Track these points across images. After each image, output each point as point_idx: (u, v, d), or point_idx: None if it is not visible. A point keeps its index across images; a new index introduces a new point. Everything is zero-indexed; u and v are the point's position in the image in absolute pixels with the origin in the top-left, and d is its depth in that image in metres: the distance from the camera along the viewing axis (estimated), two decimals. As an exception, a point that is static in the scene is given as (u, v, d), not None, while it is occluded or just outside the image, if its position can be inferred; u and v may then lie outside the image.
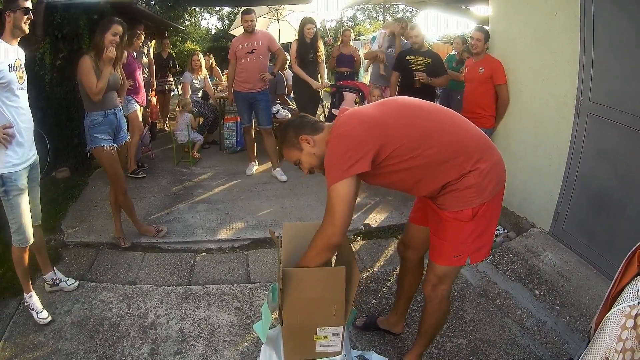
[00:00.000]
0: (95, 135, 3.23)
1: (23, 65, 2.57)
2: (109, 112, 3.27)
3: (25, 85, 2.57)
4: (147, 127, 6.21)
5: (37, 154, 2.74)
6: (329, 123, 1.95)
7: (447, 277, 2.05)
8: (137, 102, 5.15)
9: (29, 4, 2.50)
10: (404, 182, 1.90)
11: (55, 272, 3.04)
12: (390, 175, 1.85)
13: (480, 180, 1.80)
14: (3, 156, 2.44)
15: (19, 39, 2.57)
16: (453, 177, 1.81)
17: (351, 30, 7.74)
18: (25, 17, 2.48)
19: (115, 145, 3.35)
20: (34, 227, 2.76)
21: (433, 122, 1.83)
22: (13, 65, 2.44)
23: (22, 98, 2.53)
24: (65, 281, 3.06)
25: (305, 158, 1.92)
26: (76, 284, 3.09)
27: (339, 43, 7.62)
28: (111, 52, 3.11)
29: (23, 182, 2.54)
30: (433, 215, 1.99)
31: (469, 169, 1.79)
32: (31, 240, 2.65)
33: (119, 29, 3.14)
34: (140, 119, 5.25)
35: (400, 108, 1.87)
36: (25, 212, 2.59)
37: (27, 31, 2.54)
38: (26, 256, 2.69)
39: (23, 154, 2.53)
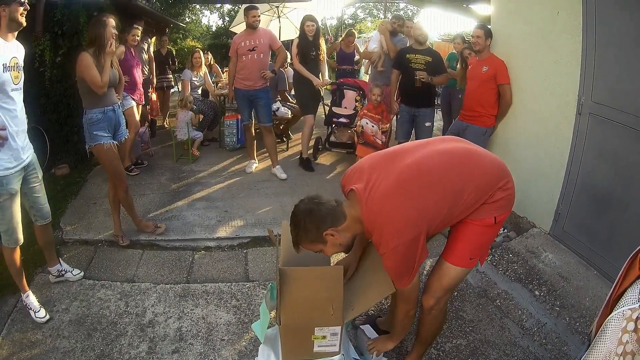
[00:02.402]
0: (95, 132, 3.21)
1: (20, 64, 2.49)
2: (108, 109, 3.25)
3: (21, 85, 2.48)
4: (146, 124, 6.20)
5: (35, 152, 2.71)
6: (348, 205, 1.84)
7: (453, 288, 2.09)
8: (134, 99, 5.09)
9: None
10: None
11: (61, 264, 3.06)
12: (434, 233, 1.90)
13: (506, 194, 1.85)
14: None
15: (16, 33, 2.47)
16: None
17: (355, 34, 7.67)
18: (22, 8, 2.37)
19: (115, 142, 3.34)
20: (42, 226, 2.78)
21: (460, 177, 1.80)
22: (8, 64, 2.35)
23: (17, 99, 2.45)
24: (71, 271, 3.09)
25: (329, 249, 1.88)
26: (81, 274, 3.13)
27: (340, 40, 7.59)
28: (113, 46, 3.11)
29: (14, 186, 2.48)
30: None
31: (495, 190, 1.84)
32: (20, 242, 2.61)
33: (114, 23, 3.14)
34: (137, 116, 5.19)
35: (428, 183, 1.76)
36: (15, 216, 2.54)
37: (25, 24, 2.44)
38: (17, 257, 2.65)
39: (15, 158, 2.47)
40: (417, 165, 1.80)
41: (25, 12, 2.42)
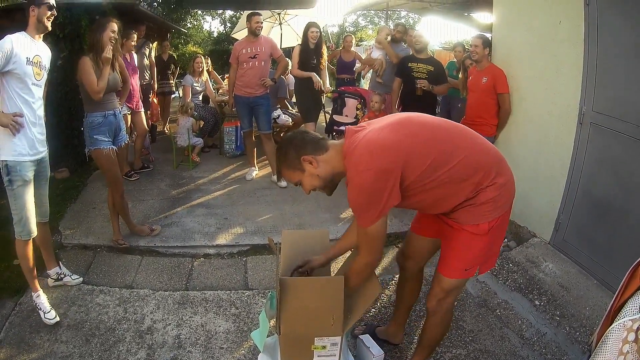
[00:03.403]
0: (95, 136, 3.22)
1: (44, 63, 2.65)
2: (108, 114, 3.27)
3: (41, 83, 2.65)
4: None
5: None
6: (333, 141, 1.88)
7: (455, 290, 2.03)
8: (128, 106, 5.00)
9: (53, 0, 2.55)
10: (423, 204, 1.85)
11: (60, 267, 3.05)
12: (410, 198, 1.78)
13: (497, 194, 1.78)
14: (10, 143, 2.49)
15: (42, 35, 2.64)
16: (470, 194, 1.78)
17: (352, 36, 7.69)
18: (49, 12, 2.55)
19: (114, 147, 3.34)
20: (41, 223, 2.80)
21: (451, 141, 1.77)
22: (31, 59, 2.51)
23: (36, 94, 2.60)
24: (70, 275, 3.08)
25: (307, 180, 1.84)
26: (80, 279, 3.11)
27: (340, 48, 7.61)
28: (108, 52, 3.11)
29: (28, 174, 2.57)
30: (446, 228, 1.94)
31: (487, 184, 1.76)
32: (33, 234, 2.66)
33: (115, 27, 3.15)
34: (129, 123, 5.13)
35: (417, 129, 1.77)
36: (29, 205, 2.60)
37: (50, 28, 2.62)
38: (30, 251, 2.68)
39: (30, 147, 2.58)
40: (408, 116, 1.85)
41: (52, 18, 2.60)
